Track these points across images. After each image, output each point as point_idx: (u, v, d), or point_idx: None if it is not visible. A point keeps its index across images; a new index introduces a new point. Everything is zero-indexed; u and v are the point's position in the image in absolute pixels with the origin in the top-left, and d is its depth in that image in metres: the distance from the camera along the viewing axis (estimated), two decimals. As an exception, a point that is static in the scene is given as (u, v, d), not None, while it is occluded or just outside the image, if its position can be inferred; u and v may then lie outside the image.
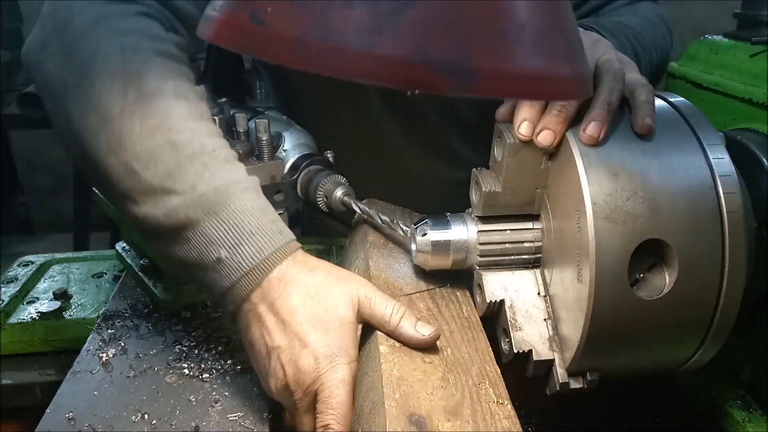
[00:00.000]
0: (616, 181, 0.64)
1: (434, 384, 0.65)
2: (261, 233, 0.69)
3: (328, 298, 0.69)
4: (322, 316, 0.68)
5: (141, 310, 0.95)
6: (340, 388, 0.65)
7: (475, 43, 0.41)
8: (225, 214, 0.69)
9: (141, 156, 0.69)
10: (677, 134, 0.69)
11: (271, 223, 0.71)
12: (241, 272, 0.68)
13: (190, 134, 0.71)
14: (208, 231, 0.69)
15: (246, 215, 0.69)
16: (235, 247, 0.68)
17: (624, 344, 0.67)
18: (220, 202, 0.69)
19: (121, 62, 0.71)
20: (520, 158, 0.72)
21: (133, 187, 0.70)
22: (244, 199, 0.70)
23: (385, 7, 0.39)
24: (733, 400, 0.92)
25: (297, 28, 0.41)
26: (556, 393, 0.72)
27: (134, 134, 0.69)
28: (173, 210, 0.68)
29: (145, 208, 0.70)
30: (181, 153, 0.69)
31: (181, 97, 0.73)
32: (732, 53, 0.98)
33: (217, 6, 0.47)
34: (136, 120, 0.69)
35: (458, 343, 0.73)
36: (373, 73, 0.40)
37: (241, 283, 0.69)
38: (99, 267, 1.23)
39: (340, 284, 0.71)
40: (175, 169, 0.69)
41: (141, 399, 0.76)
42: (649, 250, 0.64)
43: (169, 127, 0.70)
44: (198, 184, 0.69)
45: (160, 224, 0.70)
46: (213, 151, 0.71)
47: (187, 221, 0.69)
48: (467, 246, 0.78)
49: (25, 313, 1.07)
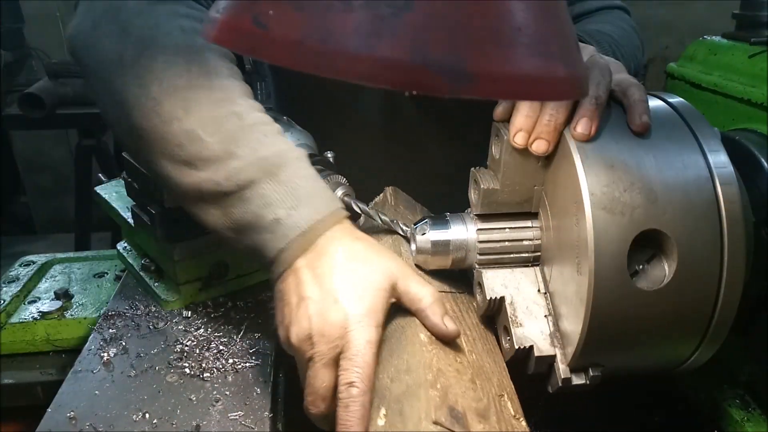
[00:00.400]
0: (612, 172, 0.65)
1: (466, 384, 0.66)
2: (317, 196, 0.73)
3: (366, 264, 0.71)
4: (358, 278, 0.69)
5: (142, 310, 0.95)
6: (368, 348, 0.66)
7: (472, 45, 0.41)
8: (284, 176, 0.72)
9: (207, 123, 0.72)
10: (673, 130, 0.70)
11: (324, 190, 0.75)
12: (298, 232, 0.70)
13: (248, 108, 0.76)
14: (267, 191, 0.71)
15: (302, 180, 0.73)
16: (293, 208, 0.71)
17: (625, 337, 0.67)
18: (279, 165, 0.72)
19: (183, 40, 0.76)
20: (518, 156, 0.73)
21: (196, 152, 0.72)
22: (299, 166, 0.74)
23: (383, 11, 0.40)
24: (732, 399, 0.92)
25: (298, 31, 0.42)
26: (558, 390, 0.72)
27: (201, 103, 0.73)
28: (235, 172, 0.71)
29: (207, 173, 0.72)
30: (243, 122, 0.74)
31: (236, 78, 0.79)
32: (731, 54, 0.98)
33: (220, 8, 0.47)
34: (203, 92, 0.74)
35: (480, 351, 0.74)
36: (372, 75, 0.41)
37: (294, 242, 0.70)
38: (100, 267, 1.24)
39: (381, 255, 0.73)
40: (239, 135, 0.73)
41: (142, 398, 0.76)
42: (647, 241, 0.65)
43: (232, 100, 0.75)
44: (259, 149, 0.72)
45: (220, 188, 0.72)
46: (270, 124, 0.76)
47: (247, 182, 0.71)
48: (467, 245, 0.78)
49: (27, 313, 1.08)
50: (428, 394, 0.61)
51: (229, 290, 0.99)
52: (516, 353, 0.72)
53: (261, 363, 0.83)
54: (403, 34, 0.40)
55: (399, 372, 0.66)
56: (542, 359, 0.72)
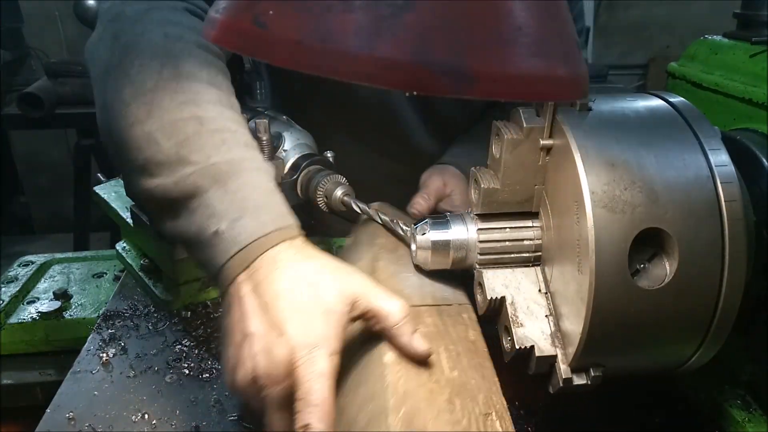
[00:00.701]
0: (613, 170, 0.64)
1: (440, 406, 0.60)
2: (265, 210, 0.67)
3: (318, 286, 0.64)
4: (307, 302, 0.63)
5: (141, 310, 0.95)
6: (320, 382, 0.59)
7: (472, 45, 0.41)
8: (232, 185, 0.67)
9: (166, 126, 0.69)
10: (674, 129, 0.70)
11: (276, 204, 0.69)
12: (238, 247, 0.65)
13: (216, 114, 0.72)
14: (213, 201, 0.67)
15: (253, 190, 0.68)
16: (236, 221, 0.66)
17: (626, 336, 0.67)
18: (230, 173, 0.68)
19: (163, 45, 0.75)
20: (518, 154, 0.73)
21: (151, 156, 0.69)
22: (254, 176, 0.69)
23: (384, 11, 0.40)
24: (733, 400, 0.92)
25: (298, 31, 0.41)
26: (559, 390, 0.72)
27: (163, 106, 0.70)
28: (184, 177, 0.68)
29: (158, 179, 0.69)
30: (204, 127, 0.70)
31: (213, 85, 0.75)
32: (732, 53, 0.98)
33: (219, 8, 0.47)
34: (167, 94, 0.71)
35: (465, 366, 0.68)
36: (372, 75, 0.41)
37: (235, 259, 0.65)
38: (99, 267, 1.24)
39: (336, 274, 0.66)
40: (195, 139, 0.69)
41: (141, 399, 0.76)
42: (648, 240, 0.65)
43: (198, 104, 0.71)
44: (212, 156, 0.68)
45: (169, 194, 0.69)
46: (235, 132, 0.72)
47: (194, 190, 0.67)
48: (467, 245, 0.78)
49: (26, 313, 1.08)
50: (389, 422, 0.56)
51: (228, 290, 0.99)
52: (517, 353, 0.72)
53: (261, 363, 0.82)
54: (403, 34, 0.40)
55: (366, 401, 0.62)
56: (543, 359, 0.71)
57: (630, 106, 0.73)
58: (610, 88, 3.31)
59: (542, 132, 0.72)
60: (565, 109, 0.70)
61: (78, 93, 2.70)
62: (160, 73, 0.72)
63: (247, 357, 0.62)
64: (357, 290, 0.65)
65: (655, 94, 0.76)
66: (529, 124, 0.71)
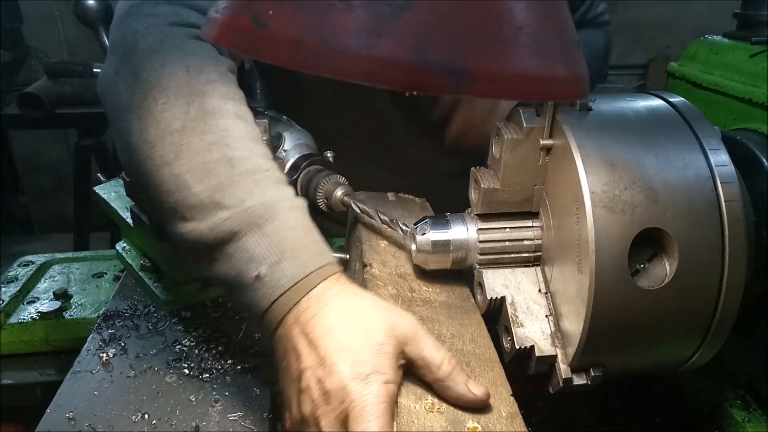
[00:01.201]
0: (613, 171, 0.64)
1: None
2: (304, 250, 0.67)
3: (366, 321, 0.63)
4: (358, 336, 0.62)
5: (141, 310, 0.95)
6: (375, 403, 0.58)
7: (472, 44, 0.41)
8: (269, 228, 0.67)
9: (196, 169, 0.68)
10: (674, 130, 0.70)
11: (314, 243, 0.69)
12: (281, 290, 0.65)
13: (247, 152, 0.71)
14: (250, 245, 0.66)
15: (290, 231, 0.67)
16: (276, 264, 0.65)
17: (626, 336, 0.67)
18: (265, 217, 0.67)
19: (186, 80, 0.73)
20: (518, 155, 0.73)
21: (182, 200, 0.68)
22: (289, 217, 0.69)
23: (384, 10, 0.40)
24: (733, 400, 0.92)
25: (297, 30, 0.41)
26: (559, 390, 0.72)
27: (192, 148, 0.69)
28: (218, 223, 0.67)
29: (192, 224, 0.68)
30: (235, 169, 0.69)
31: (240, 117, 0.74)
32: (732, 53, 0.98)
33: (219, 8, 0.47)
34: (196, 135, 0.70)
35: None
36: (372, 74, 0.41)
37: (278, 302, 0.65)
38: (99, 267, 1.24)
39: (384, 312, 0.65)
40: (228, 183, 0.68)
41: (141, 399, 0.76)
42: (648, 240, 0.65)
43: (227, 144, 0.70)
44: (247, 199, 0.67)
45: (204, 239, 0.68)
46: (267, 171, 0.71)
47: (230, 235, 0.67)
48: (467, 245, 0.78)
49: (26, 313, 1.08)
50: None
51: (228, 290, 0.99)
52: (517, 353, 0.72)
53: (261, 363, 0.82)
54: (403, 34, 0.40)
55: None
56: (543, 359, 0.71)
57: (630, 106, 0.73)
58: (610, 88, 3.31)
59: (542, 132, 0.72)
60: (565, 109, 0.70)
61: (78, 93, 2.70)
62: (186, 112, 0.71)
63: (304, 390, 0.62)
64: (407, 333, 0.64)
65: (655, 94, 0.76)
66: (529, 124, 0.72)
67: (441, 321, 0.76)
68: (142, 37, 0.77)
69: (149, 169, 0.71)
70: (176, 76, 0.72)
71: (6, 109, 2.92)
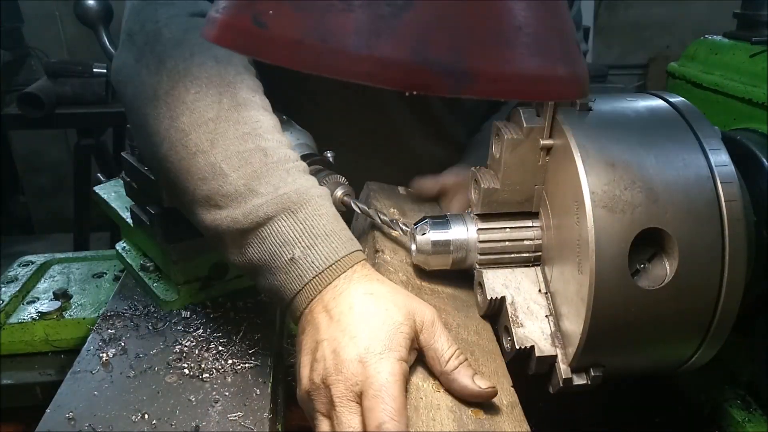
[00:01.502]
0: (613, 171, 0.65)
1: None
2: (335, 236, 0.70)
3: (388, 302, 0.66)
4: (377, 315, 0.65)
5: (141, 310, 0.95)
6: (391, 381, 0.59)
7: (472, 44, 0.41)
8: (302, 214, 0.70)
9: (232, 158, 0.71)
10: (674, 130, 0.70)
11: (343, 231, 0.72)
12: (314, 272, 0.68)
13: (276, 144, 0.74)
14: (285, 230, 0.69)
15: (322, 218, 0.71)
16: (310, 248, 0.69)
17: (626, 336, 0.67)
18: (299, 203, 0.70)
19: (217, 71, 0.75)
20: (518, 154, 0.73)
21: (217, 188, 0.71)
22: (320, 204, 0.72)
23: (383, 10, 0.40)
24: (733, 400, 0.92)
25: (297, 30, 0.41)
26: (560, 390, 0.72)
27: (228, 137, 0.72)
28: (254, 209, 0.70)
29: (226, 211, 0.71)
30: (269, 158, 0.72)
31: (266, 110, 0.77)
32: (732, 53, 0.98)
33: (219, 8, 0.47)
34: (231, 124, 0.73)
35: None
36: (372, 74, 0.41)
37: (311, 284, 0.68)
38: (99, 267, 1.23)
39: (407, 298, 0.68)
40: (263, 172, 0.71)
41: (141, 399, 0.76)
42: (648, 240, 0.65)
43: (260, 135, 0.73)
44: (281, 187, 0.71)
45: (238, 225, 0.70)
46: (296, 161, 0.75)
47: (264, 219, 0.70)
48: (467, 245, 0.78)
49: (26, 313, 1.08)
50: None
51: (228, 290, 0.99)
52: (517, 353, 0.72)
53: (260, 363, 0.82)
54: (403, 34, 0.40)
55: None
56: (543, 359, 0.72)
57: (630, 106, 0.73)
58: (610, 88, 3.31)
59: (542, 132, 0.72)
60: (565, 109, 0.70)
61: (78, 93, 2.70)
62: (219, 102, 0.73)
63: (319, 359, 0.64)
64: (425, 321, 0.67)
65: (655, 94, 0.76)
66: (529, 124, 0.72)
67: (448, 311, 0.78)
68: (164, 27, 0.78)
69: (183, 156, 0.73)
70: (206, 66, 0.75)
71: (6, 109, 2.91)
